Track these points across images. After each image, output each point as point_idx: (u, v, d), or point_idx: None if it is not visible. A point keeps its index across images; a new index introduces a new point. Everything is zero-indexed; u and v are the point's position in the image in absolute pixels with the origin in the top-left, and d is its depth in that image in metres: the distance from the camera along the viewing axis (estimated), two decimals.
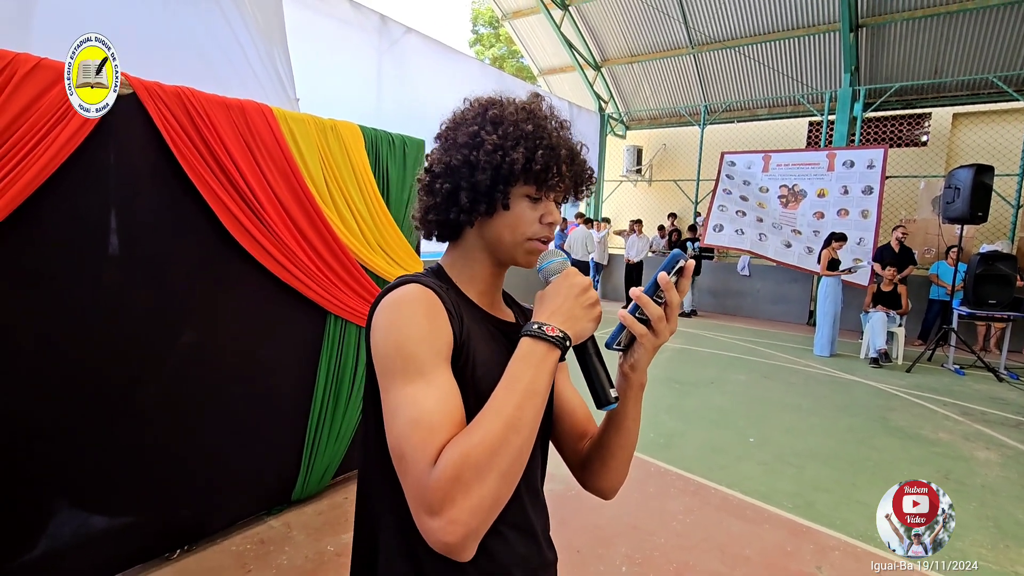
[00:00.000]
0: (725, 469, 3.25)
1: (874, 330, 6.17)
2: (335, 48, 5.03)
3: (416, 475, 0.58)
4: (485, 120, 0.74)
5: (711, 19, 9.99)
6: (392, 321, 0.66)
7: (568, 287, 0.70)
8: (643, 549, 2.42)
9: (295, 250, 2.39)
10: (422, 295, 0.68)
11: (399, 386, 0.63)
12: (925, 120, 9.94)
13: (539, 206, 0.75)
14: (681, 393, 4.79)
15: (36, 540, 1.80)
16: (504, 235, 0.75)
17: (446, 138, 0.76)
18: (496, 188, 0.72)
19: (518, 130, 0.72)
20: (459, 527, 0.55)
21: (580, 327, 0.68)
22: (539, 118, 0.75)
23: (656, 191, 12.42)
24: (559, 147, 0.74)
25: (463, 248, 0.80)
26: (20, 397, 1.73)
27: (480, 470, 0.56)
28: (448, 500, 0.55)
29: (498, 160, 0.71)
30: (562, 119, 0.79)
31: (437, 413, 0.61)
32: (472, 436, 0.59)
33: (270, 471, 2.51)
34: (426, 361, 0.64)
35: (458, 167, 0.73)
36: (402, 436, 0.61)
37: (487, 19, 20.45)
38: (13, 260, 1.68)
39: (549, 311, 0.68)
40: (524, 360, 0.64)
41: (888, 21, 8.60)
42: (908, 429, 4.06)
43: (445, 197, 0.75)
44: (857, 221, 8.16)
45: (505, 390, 0.63)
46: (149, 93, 1.91)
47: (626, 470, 0.82)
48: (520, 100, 0.78)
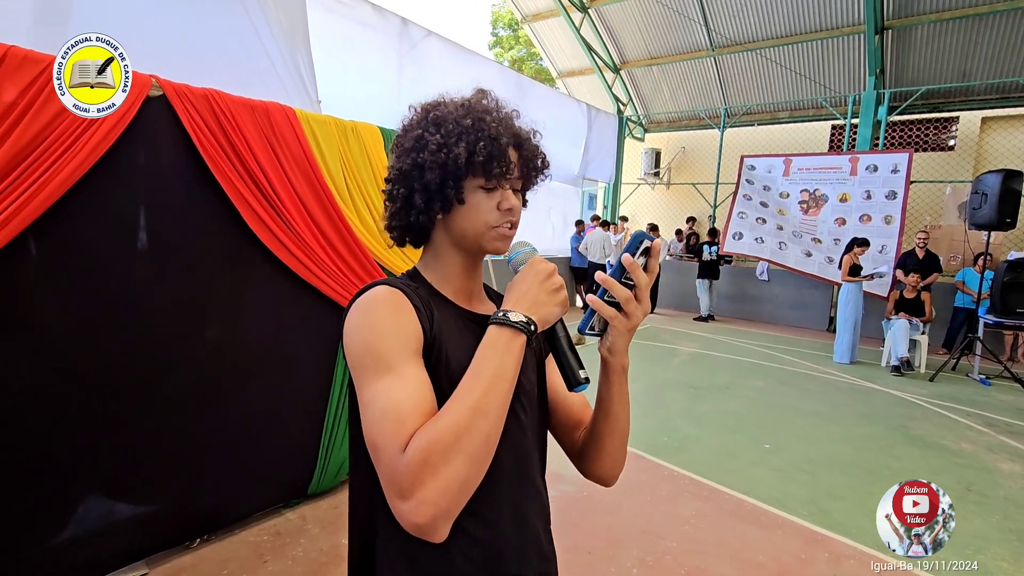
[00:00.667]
0: (739, 474, 3.22)
1: (896, 337, 6.05)
2: (356, 51, 5.11)
3: (387, 461, 0.60)
4: (428, 122, 0.76)
5: (732, 21, 9.91)
6: (360, 322, 0.69)
7: (533, 274, 0.72)
8: (654, 552, 2.41)
9: (315, 248, 2.44)
10: (388, 295, 0.71)
11: (370, 382, 0.65)
12: (952, 124, 9.72)
13: (494, 195, 0.76)
14: (696, 397, 4.76)
15: (65, 524, 1.88)
16: (466, 227, 0.77)
17: (398, 145, 0.79)
18: (447, 185, 0.75)
19: (458, 126, 0.74)
20: (428, 507, 0.58)
21: (546, 311, 0.70)
22: (479, 112, 0.76)
23: (674, 194, 12.33)
24: (500, 136, 0.75)
25: (433, 248, 0.82)
26: (54, 385, 1.80)
27: (447, 453, 0.59)
28: (417, 483, 0.58)
29: (443, 158, 0.73)
30: (508, 110, 0.81)
31: (406, 403, 0.63)
32: (440, 422, 0.61)
33: (287, 464, 2.56)
34: (394, 356, 0.66)
35: (409, 171, 0.76)
36: (374, 427, 0.63)
37: (506, 22, 20.53)
38: (48, 254, 1.76)
39: (515, 298, 0.71)
40: (490, 347, 0.67)
41: (915, 23, 8.44)
42: (929, 439, 3.98)
43: (403, 202, 0.78)
44: (880, 227, 8.01)
45: (472, 377, 0.65)
46: (178, 95, 1.97)
47: (622, 455, 0.84)
48: (462, 98, 0.80)
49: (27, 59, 1.62)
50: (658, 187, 12.50)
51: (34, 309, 1.75)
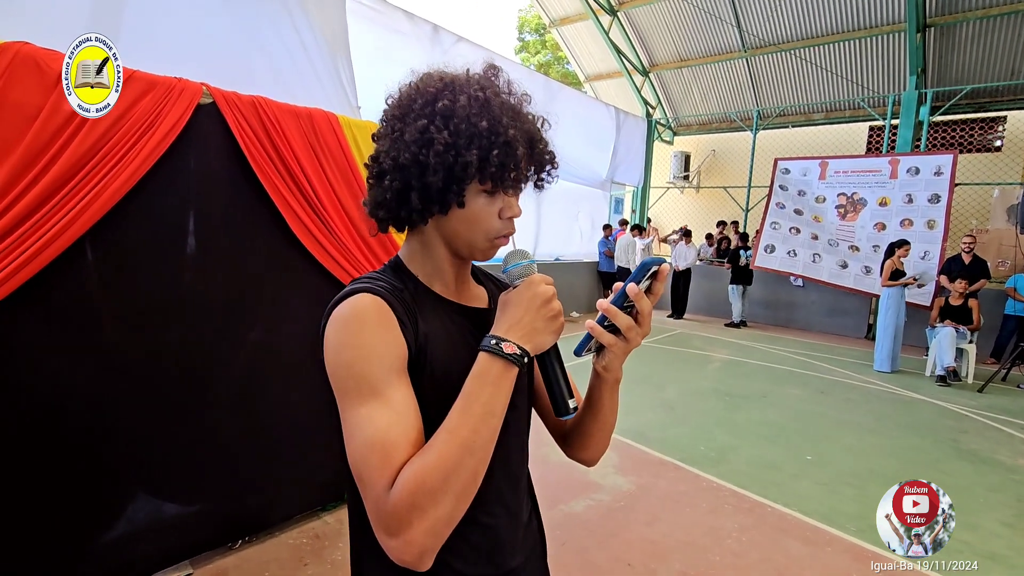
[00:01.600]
0: (781, 487, 3.12)
1: (941, 346, 5.81)
2: (391, 57, 5.16)
3: (374, 498, 0.59)
4: (435, 113, 0.67)
5: (765, 22, 9.71)
6: (341, 339, 0.64)
7: (531, 297, 0.67)
8: (698, 566, 2.34)
9: (354, 252, 2.46)
10: (371, 307, 0.65)
11: (354, 407, 0.62)
12: (999, 124, 9.33)
13: (496, 200, 0.71)
14: (732, 406, 4.64)
15: (115, 523, 1.91)
16: (460, 232, 0.71)
17: (392, 127, 0.70)
18: (450, 189, 0.68)
19: (471, 127, 0.66)
20: (415, 547, 0.58)
21: (540, 340, 0.67)
22: (495, 111, 0.68)
23: (704, 198, 12.13)
24: (516, 143, 0.68)
25: (423, 239, 0.75)
26: (106, 386, 1.85)
27: (434, 494, 0.57)
28: (404, 523, 0.57)
29: (450, 160, 0.66)
30: (519, 96, 0.73)
31: (392, 433, 0.60)
32: (426, 459, 0.59)
33: (325, 467, 2.57)
34: (378, 379, 0.62)
35: (407, 166, 0.67)
36: (359, 458, 0.61)
37: (533, 26, 20.57)
38: (103, 258, 1.80)
39: (508, 323, 0.66)
40: (480, 379, 0.63)
41: (959, 20, 8.13)
42: (982, 453, 3.79)
43: (395, 195, 0.70)
44: (922, 232, 7.72)
45: (460, 412, 0.62)
46: (227, 103, 2.01)
47: (607, 444, 0.83)
48: (474, 83, 0.70)
49: None
50: (687, 191, 12.32)
51: (89, 312, 1.80)
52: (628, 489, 3.00)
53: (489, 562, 0.75)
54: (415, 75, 0.74)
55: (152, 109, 1.80)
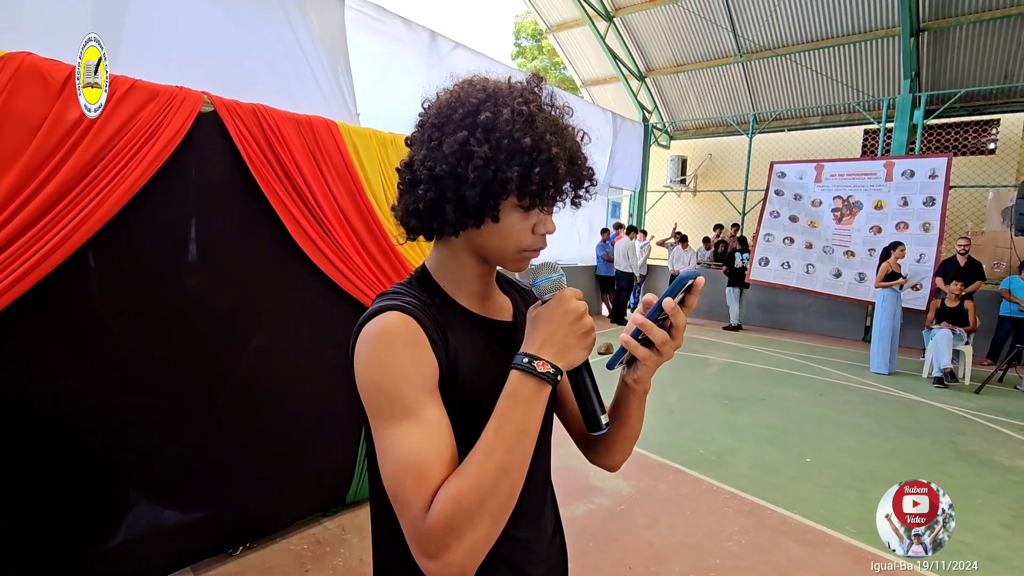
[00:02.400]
0: (781, 489, 3.13)
1: (938, 348, 5.84)
2: (389, 65, 5.20)
3: (411, 520, 0.59)
4: (476, 125, 0.65)
5: (761, 27, 9.79)
6: (372, 358, 0.64)
7: (563, 313, 0.66)
8: (699, 569, 2.35)
9: (355, 258, 2.47)
10: (402, 325, 0.64)
11: (387, 427, 0.62)
12: (993, 127, 9.41)
13: (531, 216, 0.70)
14: (731, 409, 4.65)
15: (116, 530, 1.92)
16: (493, 245, 0.71)
17: (430, 136, 0.68)
18: (486, 204, 0.66)
19: (513, 143, 0.64)
20: (454, 568, 0.57)
21: (572, 356, 0.66)
22: (538, 127, 0.66)
23: (701, 201, 12.18)
24: (558, 161, 0.66)
25: (450, 250, 0.75)
26: (108, 392, 1.85)
27: (472, 516, 0.57)
28: (443, 546, 0.57)
29: (489, 175, 0.64)
30: (562, 108, 0.72)
31: (426, 454, 0.60)
32: (462, 480, 0.59)
33: (326, 473, 2.58)
34: (411, 399, 0.62)
35: (444, 177, 0.66)
36: (394, 479, 0.61)
37: (530, 32, 20.67)
38: (106, 265, 1.81)
39: (541, 340, 0.65)
40: (513, 398, 0.63)
41: (952, 24, 8.21)
42: (981, 454, 3.81)
43: (429, 206, 0.69)
44: (917, 235, 7.76)
45: (494, 432, 0.61)
46: (228, 111, 2.02)
47: (631, 450, 0.83)
48: (517, 93, 0.68)
49: None
50: (684, 194, 12.36)
51: (92, 319, 1.80)
52: (628, 493, 3.01)
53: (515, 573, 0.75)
54: (454, 79, 0.73)
55: (154, 118, 1.81)
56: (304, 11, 3.23)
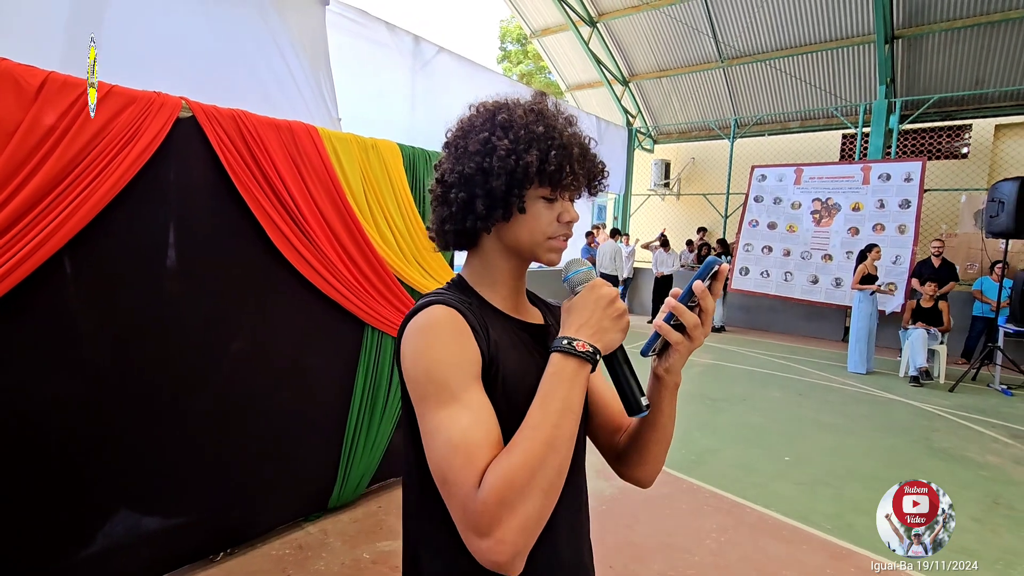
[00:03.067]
0: (760, 488, 3.19)
1: (914, 347, 5.97)
2: (372, 69, 5.20)
3: (461, 499, 0.60)
4: (495, 125, 0.73)
5: (741, 33, 9.95)
6: (420, 347, 0.67)
7: (596, 299, 0.70)
8: (678, 567, 2.39)
9: (336, 263, 2.48)
10: (447, 317, 0.69)
11: (434, 411, 0.64)
12: (965, 132, 9.65)
13: (555, 206, 0.75)
14: (713, 410, 4.72)
15: (93, 537, 1.90)
16: (523, 237, 0.75)
17: (456, 146, 0.76)
18: (512, 193, 0.72)
19: (529, 132, 0.72)
20: (507, 546, 0.58)
21: (609, 339, 0.69)
22: (548, 118, 0.74)
23: (684, 205, 12.32)
24: (571, 146, 0.73)
25: (482, 255, 0.80)
26: (85, 399, 1.84)
27: (523, 491, 0.58)
28: (495, 522, 0.57)
29: (512, 164, 0.71)
30: (568, 115, 0.79)
31: (474, 435, 0.62)
32: (512, 457, 0.60)
33: (308, 478, 2.58)
34: (457, 384, 0.65)
35: (472, 175, 0.73)
36: (443, 460, 0.62)
37: (515, 37, 20.77)
38: (83, 272, 1.80)
39: (578, 324, 0.69)
40: (557, 376, 0.65)
41: (926, 32, 8.42)
42: (953, 451, 3.91)
43: (461, 206, 0.74)
44: (893, 237, 7.94)
45: (540, 408, 0.64)
46: (207, 116, 2.03)
47: (663, 460, 0.84)
48: (527, 101, 0.77)
49: (66, 84, 1.68)
50: (668, 198, 12.49)
51: (68, 326, 1.79)
52: (610, 493, 3.04)
53: None
54: (470, 108, 0.80)
55: (131, 123, 1.81)
56: (284, 16, 3.23)
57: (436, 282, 2.89)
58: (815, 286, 8.48)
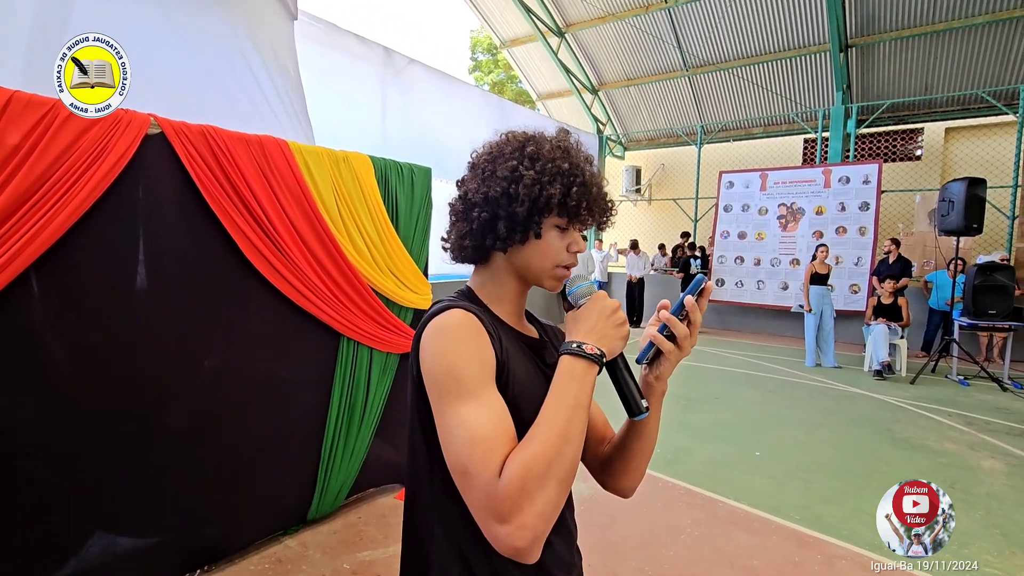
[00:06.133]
0: (732, 483, 3.29)
1: (876, 343, 6.21)
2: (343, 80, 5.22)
3: (482, 487, 0.64)
4: (524, 155, 0.79)
5: (704, 43, 10.27)
6: (442, 346, 0.72)
7: (600, 308, 0.76)
8: (653, 562, 2.45)
9: (310, 276, 2.49)
10: (466, 319, 0.74)
11: (454, 407, 0.68)
12: (918, 135, 10.13)
13: (566, 235, 0.82)
14: (688, 409, 4.83)
15: (66, 559, 1.87)
16: (533, 262, 0.81)
17: (483, 169, 0.82)
18: (532, 219, 0.78)
19: (555, 167, 0.78)
20: (527, 531, 0.61)
21: (611, 345, 0.75)
22: (573, 156, 0.81)
23: (656, 210, 12.58)
24: (591, 185, 0.81)
25: (492, 271, 0.85)
26: (56, 420, 1.82)
27: (542, 479, 0.63)
28: (516, 508, 0.61)
29: (536, 193, 0.77)
30: (587, 155, 0.85)
31: (493, 430, 0.67)
32: (531, 448, 0.64)
33: (286, 491, 2.57)
34: (476, 382, 0.70)
35: (497, 198, 0.78)
36: (463, 454, 0.66)
37: (485, 47, 20.96)
38: (50, 291, 1.79)
39: (584, 331, 0.74)
40: (568, 376, 0.71)
41: (877, 41, 8.83)
42: (914, 440, 4.09)
43: (482, 225, 0.80)
44: (855, 239, 8.27)
45: (554, 404, 0.68)
46: (176, 133, 2.03)
47: (644, 470, 0.88)
48: (553, 137, 0.84)
49: (31, 103, 1.67)
50: (640, 203, 12.74)
51: (36, 346, 1.77)
52: (588, 494, 3.10)
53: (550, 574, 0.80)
54: (498, 135, 0.86)
55: (98, 141, 1.81)
56: (253, 30, 3.23)
57: (410, 291, 2.92)
58: (785, 292, 8.82)
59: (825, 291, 6.73)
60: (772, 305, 8.98)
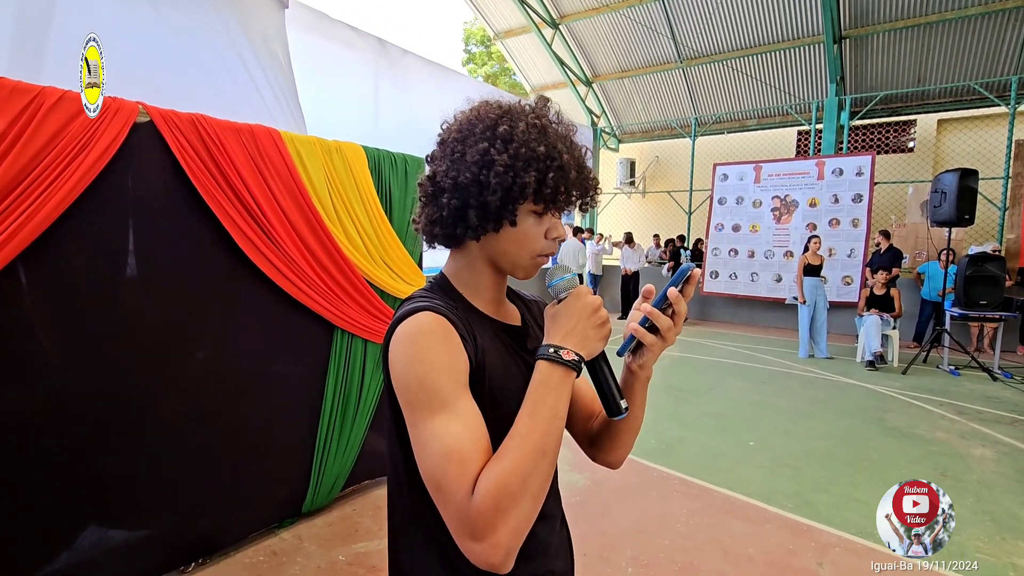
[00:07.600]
0: (726, 472, 3.31)
1: (868, 333, 6.26)
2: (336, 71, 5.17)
3: (456, 505, 0.62)
4: (495, 136, 0.72)
5: (698, 34, 10.24)
6: (411, 355, 0.68)
7: (581, 307, 0.72)
8: (648, 551, 2.47)
9: (303, 267, 2.47)
10: (435, 323, 0.69)
11: (426, 419, 0.65)
12: (911, 127, 10.17)
13: (544, 220, 0.76)
14: (680, 400, 4.86)
15: (58, 553, 1.85)
16: (509, 249, 0.76)
17: (452, 149, 0.75)
18: (505, 208, 0.73)
19: (529, 151, 0.71)
20: (501, 548, 0.61)
21: (591, 347, 0.71)
22: (550, 136, 0.74)
23: (650, 202, 12.58)
24: (569, 168, 0.74)
25: (467, 257, 0.80)
26: (45, 412, 1.80)
27: (515, 496, 0.61)
28: (490, 527, 0.60)
29: (509, 182, 0.71)
30: (568, 125, 0.79)
31: (466, 443, 0.64)
32: (504, 464, 0.62)
33: (281, 484, 2.56)
34: (448, 392, 0.66)
35: (467, 185, 0.72)
36: (436, 468, 0.64)
37: (479, 38, 20.80)
38: (40, 280, 1.76)
39: (563, 332, 0.71)
40: (544, 385, 0.68)
41: (870, 32, 8.84)
42: (905, 429, 4.12)
43: (452, 212, 0.74)
44: (848, 231, 8.30)
45: (529, 416, 0.66)
46: (165, 121, 2.00)
47: (632, 444, 0.87)
48: (530, 111, 0.77)
49: (16, 90, 1.64)
50: (634, 196, 12.74)
51: (25, 337, 1.75)
52: (583, 484, 3.11)
53: (536, 563, 0.79)
54: (470, 103, 0.79)
55: (86, 130, 1.78)
56: (243, 19, 3.18)
57: (405, 283, 2.91)
58: (779, 284, 8.86)
59: (818, 282, 6.77)
60: (766, 297, 9.03)
